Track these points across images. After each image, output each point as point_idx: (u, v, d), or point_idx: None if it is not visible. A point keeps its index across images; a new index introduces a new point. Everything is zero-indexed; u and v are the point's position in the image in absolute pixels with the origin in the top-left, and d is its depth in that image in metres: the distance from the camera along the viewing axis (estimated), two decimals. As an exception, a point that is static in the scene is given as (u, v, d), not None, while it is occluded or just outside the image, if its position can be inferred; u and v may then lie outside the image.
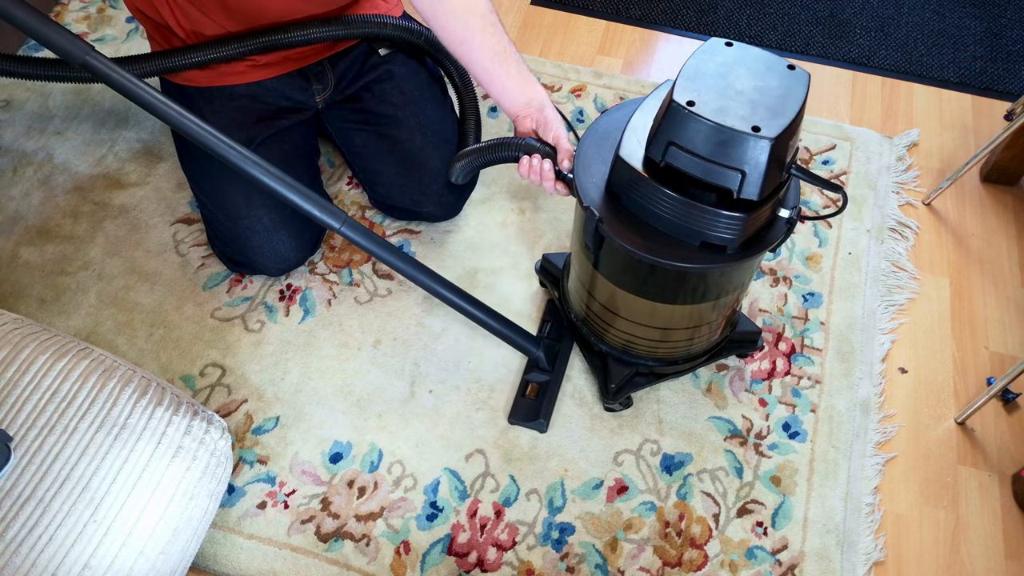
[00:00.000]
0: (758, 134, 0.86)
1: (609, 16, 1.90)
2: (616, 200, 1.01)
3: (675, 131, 0.89)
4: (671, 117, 0.89)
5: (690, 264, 0.97)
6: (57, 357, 0.97)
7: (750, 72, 0.91)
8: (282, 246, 1.36)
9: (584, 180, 1.03)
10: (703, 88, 0.89)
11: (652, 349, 1.21)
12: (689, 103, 0.88)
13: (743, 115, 0.87)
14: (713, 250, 0.97)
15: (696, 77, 0.90)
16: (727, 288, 1.09)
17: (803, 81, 0.91)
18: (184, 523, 0.98)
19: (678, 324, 1.15)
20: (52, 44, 1.04)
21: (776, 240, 0.99)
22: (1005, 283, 1.47)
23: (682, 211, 0.95)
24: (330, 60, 1.35)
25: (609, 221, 0.99)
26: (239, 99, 1.31)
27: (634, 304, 1.11)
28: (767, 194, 0.91)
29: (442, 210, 1.46)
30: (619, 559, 1.18)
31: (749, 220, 0.93)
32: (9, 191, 1.55)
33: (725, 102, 0.88)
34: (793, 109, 0.89)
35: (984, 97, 1.75)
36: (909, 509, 1.24)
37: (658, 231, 0.98)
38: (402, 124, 1.38)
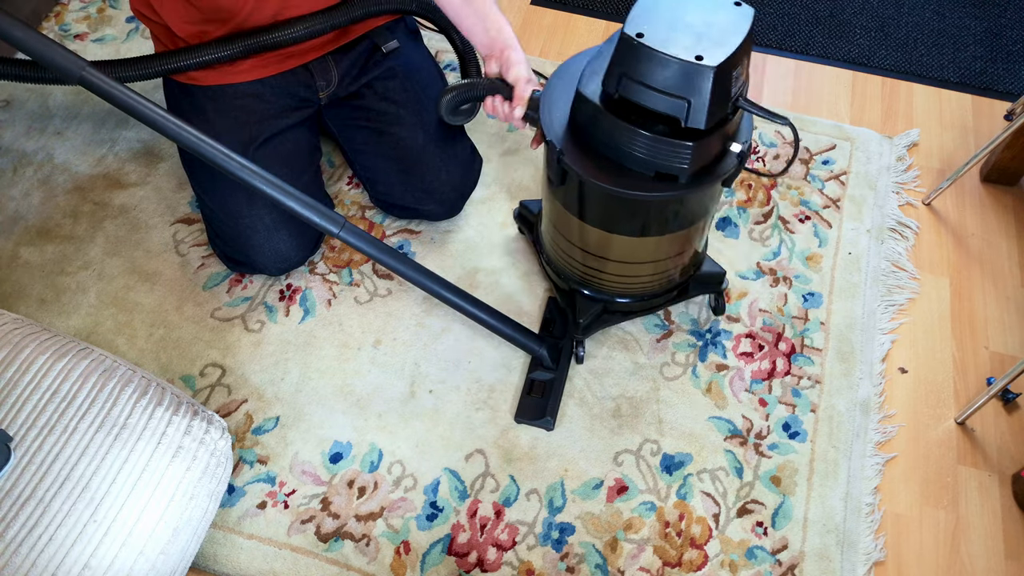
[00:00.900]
0: (701, 63, 0.91)
1: (609, 16, 1.90)
2: (578, 135, 1.06)
3: (626, 62, 0.95)
4: (622, 49, 0.95)
5: (643, 192, 1.02)
6: (57, 357, 0.97)
7: (698, 8, 0.97)
8: (283, 245, 1.36)
9: (549, 116, 1.08)
10: (653, 21, 0.95)
11: (617, 284, 1.25)
12: (638, 35, 0.93)
13: (688, 46, 0.92)
14: (666, 180, 1.02)
15: (648, 12, 0.96)
16: (684, 220, 1.14)
17: (748, 15, 0.96)
18: (184, 523, 0.98)
19: (640, 257, 1.19)
20: (47, 61, 1.04)
21: (727, 173, 1.04)
22: (1005, 283, 1.48)
23: (634, 141, 1.00)
24: (334, 56, 1.35)
25: (569, 153, 1.05)
26: (243, 97, 1.31)
27: (596, 237, 1.16)
28: (713, 124, 0.96)
29: (443, 208, 1.46)
30: (619, 559, 1.18)
31: (697, 149, 0.98)
32: (9, 191, 1.55)
33: (672, 34, 0.93)
34: (736, 41, 0.93)
35: (984, 97, 1.75)
36: (909, 509, 1.24)
37: (615, 163, 1.04)
38: (404, 122, 1.38)
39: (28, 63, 1.29)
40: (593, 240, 1.17)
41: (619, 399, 1.32)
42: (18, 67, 1.30)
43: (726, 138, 1.03)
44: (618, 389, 1.33)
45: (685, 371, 1.35)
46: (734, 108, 0.99)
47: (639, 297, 1.29)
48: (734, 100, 0.98)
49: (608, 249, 1.18)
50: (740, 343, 1.38)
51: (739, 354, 1.37)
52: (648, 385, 1.33)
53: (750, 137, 1.06)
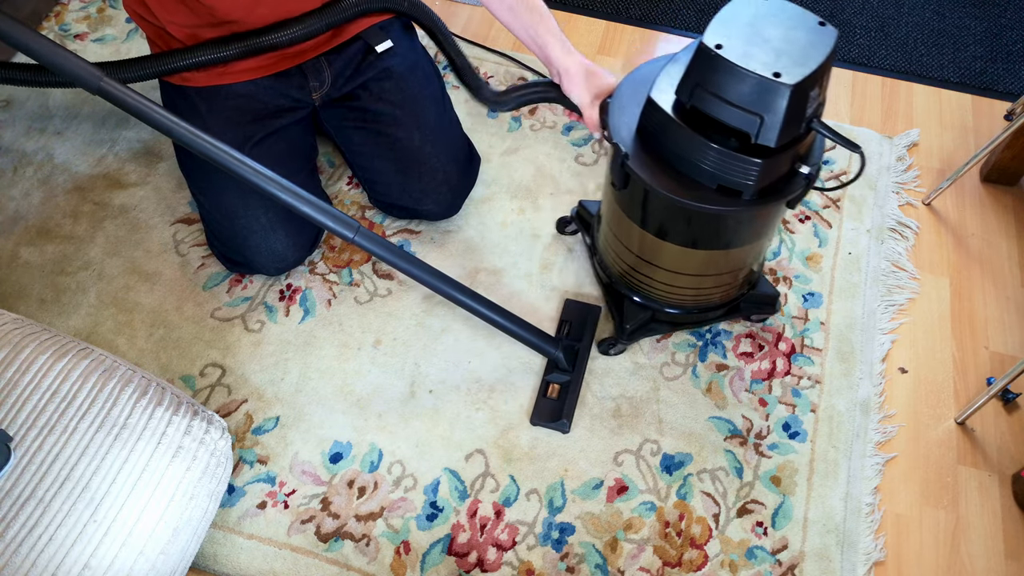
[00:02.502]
0: (778, 80, 0.89)
1: (609, 16, 1.90)
2: (645, 141, 1.05)
3: (702, 73, 0.94)
4: (700, 59, 0.93)
5: (705, 204, 1.01)
6: (57, 357, 0.97)
7: (780, 24, 0.94)
8: (279, 245, 1.36)
9: (617, 120, 1.08)
10: (733, 34, 0.93)
11: (668, 294, 1.25)
12: (717, 46, 0.91)
13: (766, 61, 0.90)
14: (729, 195, 1.00)
15: (728, 23, 0.94)
16: (743, 238, 1.13)
17: (831, 36, 0.94)
18: (184, 523, 0.98)
19: (693, 269, 1.18)
20: (65, 72, 1.04)
21: (793, 194, 1.02)
22: (1005, 283, 1.47)
23: (702, 152, 0.98)
24: (327, 57, 1.35)
25: (635, 158, 1.04)
26: (236, 98, 1.31)
27: (652, 244, 1.15)
28: (784, 143, 0.94)
29: (442, 208, 1.46)
30: (619, 559, 1.18)
31: (765, 167, 0.96)
32: (9, 191, 1.55)
33: (752, 48, 0.92)
34: (816, 60, 0.91)
35: (984, 97, 1.75)
36: (909, 509, 1.24)
37: (680, 172, 1.03)
38: (400, 122, 1.38)
39: (34, 67, 1.30)
40: (648, 247, 1.17)
41: (619, 399, 1.32)
42: (26, 71, 1.30)
43: (796, 158, 1.01)
44: (618, 389, 1.33)
45: (685, 371, 1.35)
46: (807, 129, 0.98)
47: (689, 309, 1.29)
48: (808, 121, 0.96)
49: (661, 257, 1.18)
50: (740, 343, 1.38)
51: (739, 354, 1.37)
52: (648, 385, 1.33)
53: (820, 159, 1.03)
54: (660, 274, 1.21)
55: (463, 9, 1.88)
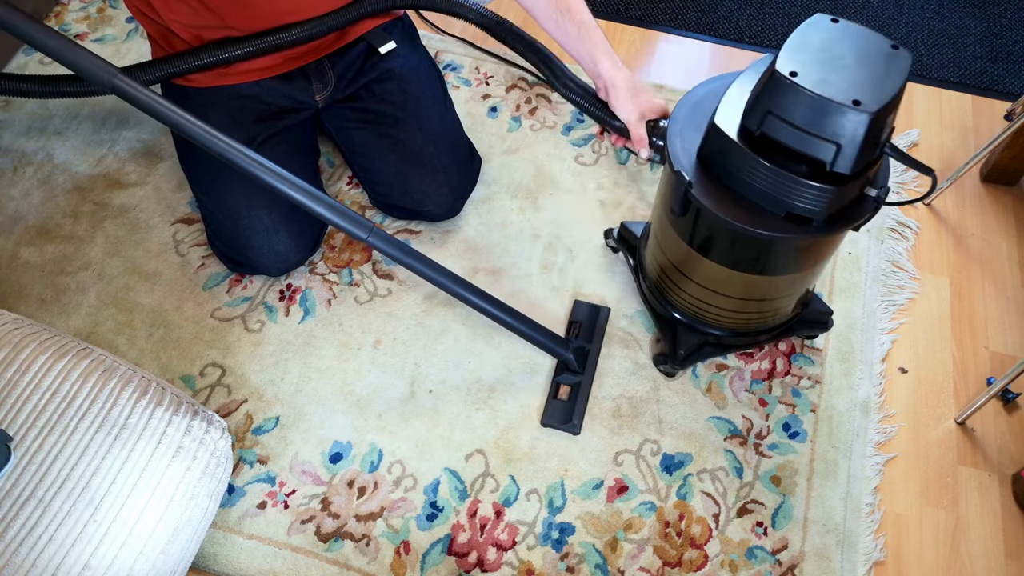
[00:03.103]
0: (858, 108, 0.87)
1: (609, 16, 1.90)
2: (706, 167, 1.04)
3: (775, 100, 0.92)
4: (772, 86, 0.91)
5: (775, 233, 0.99)
6: (57, 357, 0.97)
7: (853, 48, 0.93)
8: (282, 246, 1.36)
9: (676, 146, 1.06)
10: (806, 60, 0.91)
11: (724, 319, 1.24)
12: (792, 73, 0.90)
13: (844, 88, 0.89)
14: (798, 222, 0.99)
15: (799, 49, 0.92)
16: (807, 263, 1.11)
17: (906, 60, 0.92)
18: (184, 523, 0.98)
19: (753, 295, 1.17)
20: (78, 68, 1.02)
21: (862, 218, 1.01)
22: (1005, 283, 1.47)
23: (773, 180, 0.97)
24: (330, 59, 1.35)
25: (698, 186, 1.02)
26: (239, 99, 1.31)
27: (713, 271, 1.14)
28: (859, 169, 0.93)
29: (442, 209, 1.46)
30: (619, 559, 1.18)
31: (838, 194, 0.95)
32: (9, 191, 1.55)
33: (826, 75, 0.90)
34: (894, 86, 0.90)
35: (984, 97, 1.75)
36: (909, 509, 1.24)
37: (745, 199, 1.01)
38: (402, 123, 1.38)
39: (57, 79, 1.28)
40: (708, 274, 1.15)
41: (619, 399, 1.32)
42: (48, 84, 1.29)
43: (866, 182, 0.99)
44: (618, 389, 1.33)
45: (685, 371, 1.35)
46: (880, 154, 0.97)
47: (744, 332, 1.28)
48: (882, 146, 0.95)
49: (721, 284, 1.16)
50: (740, 343, 1.38)
51: (739, 354, 1.37)
52: (648, 385, 1.33)
53: (887, 181, 1.02)
54: (720, 300, 1.19)
55: (463, 9, 1.88)
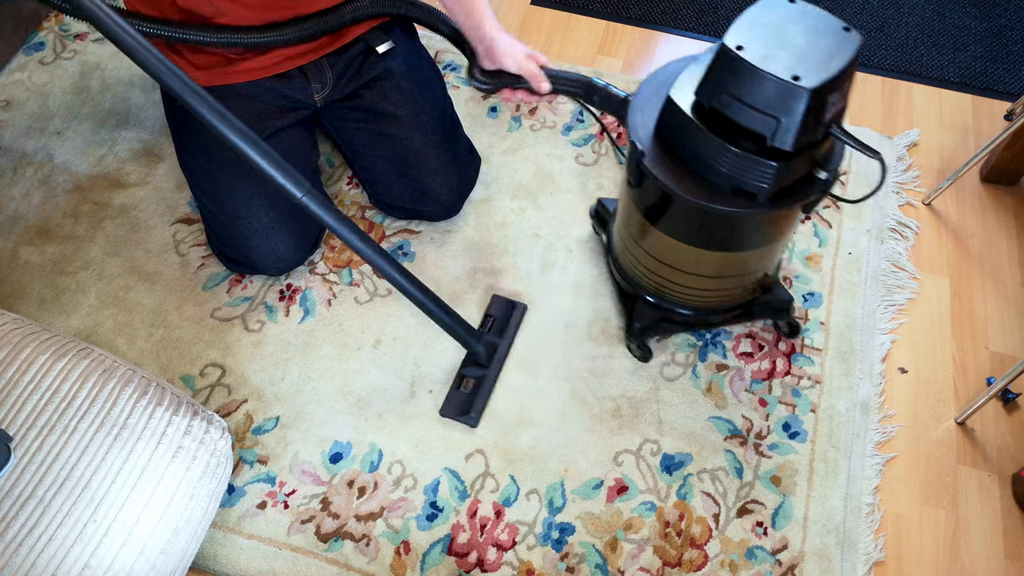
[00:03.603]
0: (797, 83, 0.89)
1: (609, 16, 1.90)
2: (663, 140, 1.06)
3: (722, 74, 0.93)
4: (719, 60, 0.93)
5: (718, 206, 1.01)
6: (57, 357, 0.97)
7: (804, 28, 0.94)
8: (281, 246, 1.36)
9: (636, 119, 1.08)
10: (755, 36, 0.93)
11: (679, 294, 1.25)
12: (738, 47, 0.91)
13: (787, 65, 0.90)
14: (744, 197, 1.01)
15: (751, 26, 0.94)
16: (757, 241, 1.13)
17: (854, 42, 0.93)
18: (184, 523, 0.98)
19: (706, 271, 1.18)
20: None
21: (809, 198, 1.02)
22: (1005, 283, 1.47)
23: (719, 153, 0.99)
24: (329, 58, 1.35)
25: (651, 158, 1.04)
26: (237, 98, 1.31)
27: (664, 244, 1.16)
28: (801, 146, 0.94)
29: (442, 209, 1.46)
30: (619, 559, 1.18)
31: (781, 170, 0.96)
32: (9, 191, 1.55)
33: (772, 51, 0.92)
34: (837, 66, 0.91)
35: (984, 97, 1.75)
36: (909, 509, 1.24)
37: (697, 173, 1.03)
38: (401, 122, 1.38)
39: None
40: (661, 246, 1.17)
41: (619, 399, 1.32)
42: None
43: (814, 163, 1.00)
44: (618, 389, 1.33)
45: (685, 371, 1.35)
46: (826, 134, 0.97)
47: (700, 310, 1.29)
48: (827, 126, 0.96)
49: (673, 257, 1.18)
50: (740, 343, 1.38)
51: (739, 354, 1.37)
52: (648, 385, 1.33)
53: (839, 165, 1.03)
54: (672, 274, 1.21)
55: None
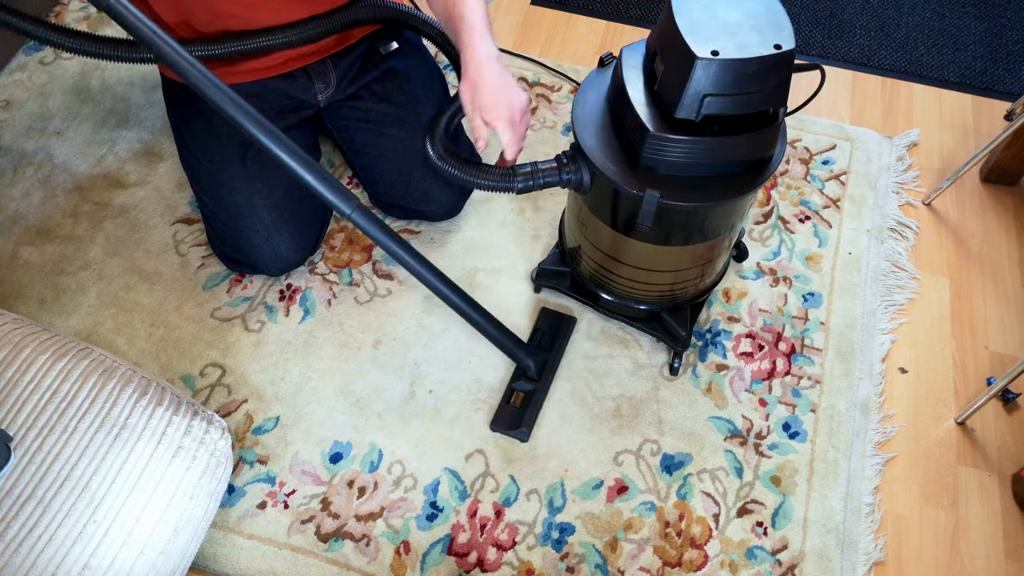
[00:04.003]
0: (781, 51, 0.91)
1: (609, 16, 1.90)
2: (645, 167, 1.02)
3: (708, 83, 0.92)
4: (703, 72, 0.91)
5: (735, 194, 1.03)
6: (57, 357, 0.97)
7: (729, 4, 0.96)
8: (283, 246, 1.36)
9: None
10: (710, 36, 0.92)
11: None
12: (713, 52, 0.90)
13: (759, 41, 0.92)
14: (756, 169, 1.02)
15: (697, 29, 0.92)
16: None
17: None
18: (184, 523, 0.98)
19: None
20: None
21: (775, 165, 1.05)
22: (1005, 283, 1.47)
23: (731, 150, 1.00)
24: (332, 59, 1.35)
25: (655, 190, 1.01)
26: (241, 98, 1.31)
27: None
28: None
29: (443, 209, 1.46)
30: (619, 559, 1.18)
31: (782, 128, 1.02)
32: (9, 191, 1.55)
33: (734, 38, 0.92)
34: (784, 19, 0.95)
35: (984, 97, 1.75)
36: (909, 509, 1.24)
37: (693, 178, 1.02)
38: (404, 122, 1.38)
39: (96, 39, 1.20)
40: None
41: (619, 399, 1.32)
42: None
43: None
44: (618, 389, 1.33)
45: (685, 371, 1.35)
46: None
47: (603, 292, 1.30)
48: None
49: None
50: (740, 343, 1.38)
51: (739, 354, 1.37)
52: (648, 385, 1.33)
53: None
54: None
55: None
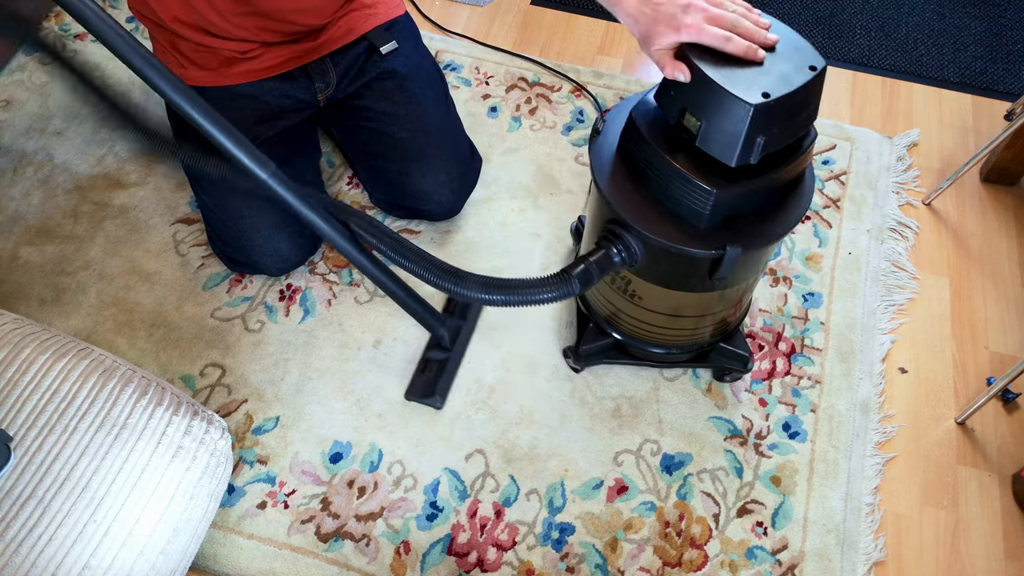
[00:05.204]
0: (818, 71, 0.89)
1: (609, 16, 1.89)
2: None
3: (764, 125, 0.87)
4: (760, 117, 0.86)
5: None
6: (57, 357, 0.97)
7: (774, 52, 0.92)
8: (283, 246, 1.36)
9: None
10: (750, 80, 0.87)
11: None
12: (765, 95, 0.86)
13: (796, 68, 0.89)
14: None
15: (734, 77, 0.87)
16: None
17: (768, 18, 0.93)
18: (184, 523, 0.98)
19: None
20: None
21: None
22: (1005, 283, 1.47)
23: (780, 179, 0.98)
24: (332, 57, 1.35)
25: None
26: (241, 99, 1.31)
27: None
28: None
29: (444, 208, 1.46)
30: (619, 559, 1.18)
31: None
32: (9, 191, 1.55)
33: (771, 75, 0.87)
34: (799, 38, 0.93)
35: (984, 97, 1.75)
36: (909, 509, 1.24)
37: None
38: (404, 122, 1.38)
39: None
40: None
41: (619, 399, 1.32)
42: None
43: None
44: (618, 389, 1.33)
45: (685, 371, 1.35)
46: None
47: (652, 346, 1.25)
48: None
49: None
50: (740, 343, 1.38)
51: (739, 354, 1.37)
52: (648, 385, 1.33)
53: None
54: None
55: (463, 9, 1.88)
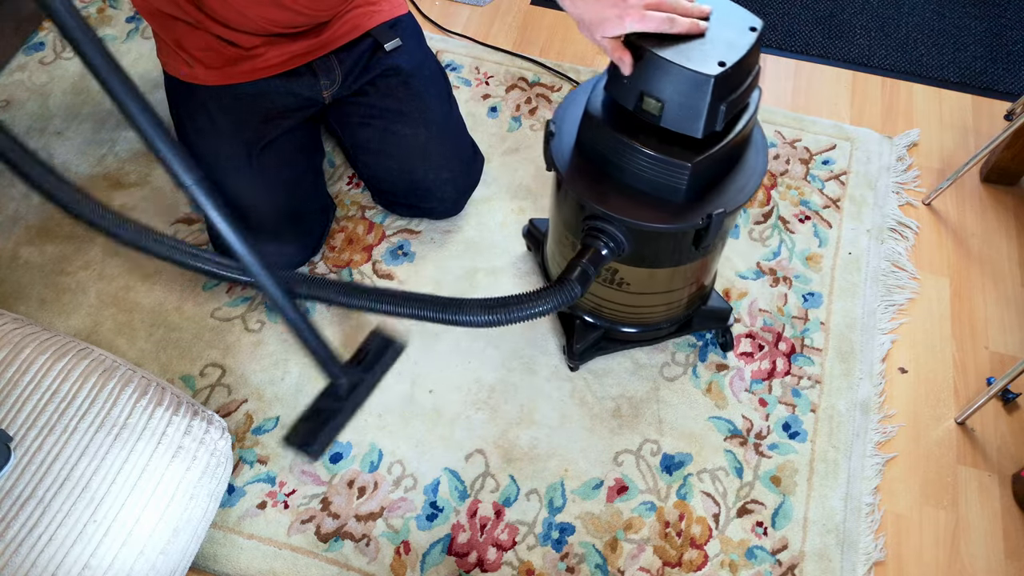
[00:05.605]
0: (759, 29, 0.89)
1: (609, 16, 1.90)
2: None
3: (724, 93, 0.89)
4: (720, 86, 0.88)
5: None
6: (57, 357, 0.97)
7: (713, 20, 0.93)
8: (285, 247, 1.36)
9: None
10: (701, 53, 0.87)
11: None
12: (721, 64, 0.86)
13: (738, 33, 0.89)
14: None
15: (686, 54, 0.88)
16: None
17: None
18: (184, 523, 0.98)
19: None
20: None
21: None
22: (1005, 283, 1.47)
23: (744, 134, 0.99)
24: (337, 54, 1.35)
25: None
26: (246, 97, 1.31)
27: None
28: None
29: (446, 206, 1.46)
30: (619, 559, 1.18)
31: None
32: (9, 191, 1.55)
33: (718, 44, 0.88)
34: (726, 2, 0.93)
35: (984, 97, 1.75)
36: (909, 509, 1.24)
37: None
38: (407, 119, 1.38)
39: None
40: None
41: (619, 399, 1.32)
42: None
43: None
44: (618, 389, 1.33)
45: (685, 371, 1.35)
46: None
47: (641, 327, 1.28)
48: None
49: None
50: (740, 343, 1.38)
51: (739, 354, 1.37)
52: (648, 385, 1.33)
53: None
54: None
55: (463, 9, 1.88)
